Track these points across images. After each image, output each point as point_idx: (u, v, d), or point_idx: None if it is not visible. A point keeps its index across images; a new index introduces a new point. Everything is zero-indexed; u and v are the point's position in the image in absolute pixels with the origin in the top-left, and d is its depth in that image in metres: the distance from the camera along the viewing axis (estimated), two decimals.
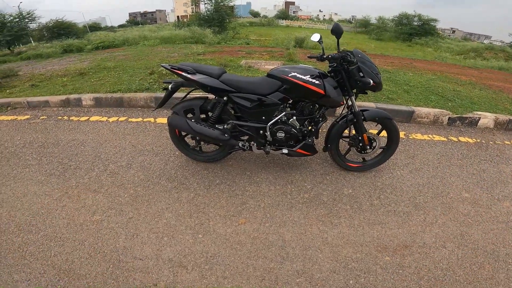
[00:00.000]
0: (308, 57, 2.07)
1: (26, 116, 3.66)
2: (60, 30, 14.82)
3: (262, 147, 2.18)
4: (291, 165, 2.47)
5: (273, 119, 2.04)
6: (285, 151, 2.15)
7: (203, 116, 2.26)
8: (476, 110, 3.70)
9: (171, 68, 2.06)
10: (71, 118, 3.55)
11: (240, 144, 2.19)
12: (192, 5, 16.96)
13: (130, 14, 79.98)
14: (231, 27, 14.98)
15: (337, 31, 1.82)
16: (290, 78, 1.92)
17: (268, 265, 1.60)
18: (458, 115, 3.40)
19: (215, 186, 2.21)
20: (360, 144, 2.22)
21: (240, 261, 1.63)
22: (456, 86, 5.16)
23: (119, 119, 3.43)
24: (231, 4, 16.02)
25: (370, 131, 2.29)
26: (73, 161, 2.56)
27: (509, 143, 3.17)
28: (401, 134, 3.12)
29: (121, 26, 50.20)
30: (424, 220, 1.94)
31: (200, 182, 2.26)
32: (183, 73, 2.03)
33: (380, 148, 2.31)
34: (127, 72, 5.14)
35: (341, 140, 2.31)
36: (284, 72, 1.95)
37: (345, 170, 2.40)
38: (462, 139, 3.13)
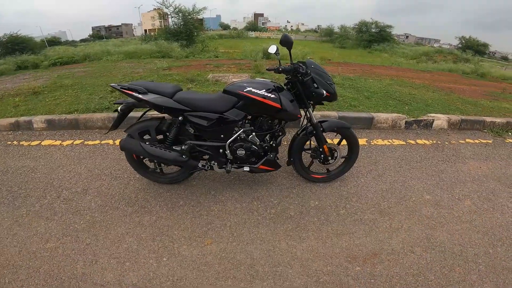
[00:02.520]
0: (267, 69, 2.09)
1: None
2: (15, 45, 13.90)
3: (223, 166, 2.11)
4: (257, 181, 2.43)
5: (232, 137, 1.98)
6: (247, 168, 2.11)
7: (160, 137, 2.15)
8: (430, 112, 3.96)
9: (120, 88, 1.93)
10: (21, 143, 3.26)
11: (200, 165, 2.11)
12: (160, 19, 16.67)
13: (93, 28, 77.14)
14: (200, 40, 14.93)
15: (286, 42, 1.82)
16: (245, 94, 1.87)
17: (238, 285, 1.53)
18: (414, 118, 3.61)
19: (178, 208, 2.11)
20: (322, 156, 2.25)
21: (208, 282, 1.54)
22: (411, 89, 5.53)
23: (74, 143, 3.19)
24: (200, 17, 16.01)
25: (332, 141, 2.33)
26: (23, 188, 2.37)
27: (463, 142, 3.41)
28: (363, 141, 3.23)
29: (83, 40, 48.22)
30: (390, 226, 1.98)
31: (163, 205, 2.14)
32: (134, 93, 1.91)
33: (342, 157, 2.35)
34: (86, 90, 4.85)
35: (304, 152, 2.32)
36: (239, 87, 1.89)
37: (311, 182, 2.40)
38: (419, 141, 3.31)
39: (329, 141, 2.35)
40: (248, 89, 1.88)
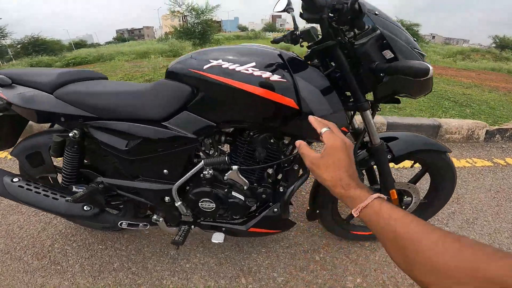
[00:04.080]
0: (272, 42, 1.06)
1: None
2: (35, 47, 14.14)
3: (176, 224, 1.11)
4: (249, 238, 1.41)
5: (185, 175, 0.95)
6: (219, 238, 1.06)
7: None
8: (499, 116, 3.07)
9: None
10: None
11: (125, 223, 1.10)
12: (173, 17, 16.19)
13: (117, 31, 79.68)
14: (215, 39, 14.27)
15: None
16: (208, 75, 0.82)
17: None
18: (498, 127, 2.46)
19: (109, 273, 1.19)
20: None
21: None
22: (463, 89, 4.74)
23: None
24: (213, 17, 15.34)
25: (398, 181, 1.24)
26: None
27: None
28: None
29: (108, 43, 49.62)
30: None
31: (86, 264, 1.24)
32: None
33: (418, 202, 1.25)
34: None
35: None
36: (196, 63, 0.85)
37: (349, 241, 1.37)
38: (510, 160, 2.18)
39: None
40: (214, 64, 0.83)
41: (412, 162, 1.25)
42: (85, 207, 1.02)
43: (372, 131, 0.96)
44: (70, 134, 0.97)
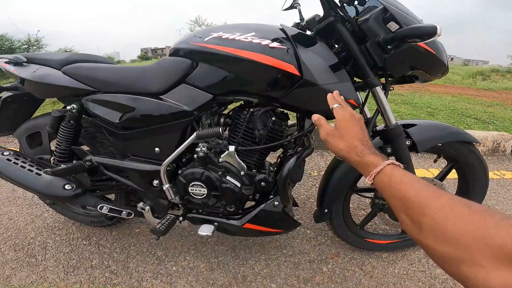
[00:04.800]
0: (283, 9, 1.02)
1: None
2: None
3: (163, 215, 1.00)
4: (245, 243, 1.26)
5: (174, 152, 0.87)
6: (207, 230, 0.93)
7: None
8: None
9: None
10: None
11: (106, 208, 1.00)
12: None
13: (141, 50, 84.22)
14: None
15: None
16: (207, 46, 0.81)
17: None
18: None
19: (84, 270, 1.10)
20: None
21: None
22: (484, 107, 4.57)
23: None
24: None
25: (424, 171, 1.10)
26: None
27: None
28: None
29: (132, 60, 52.39)
30: None
31: (63, 259, 1.15)
32: (6, 66, 1.02)
33: None
34: None
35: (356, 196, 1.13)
36: (195, 38, 0.85)
37: (364, 250, 1.19)
38: None
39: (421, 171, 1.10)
40: (215, 35, 0.81)
41: (436, 155, 1.09)
42: (66, 186, 0.94)
43: (385, 111, 0.86)
44: (68, 107, 0.96)
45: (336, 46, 0.89)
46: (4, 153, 1.00)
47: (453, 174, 1.10)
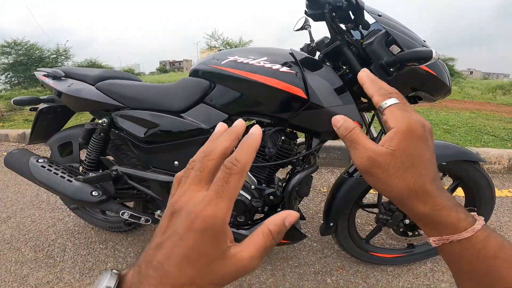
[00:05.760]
0: (295, 30, 1.14)
1: None
2: None
3: None
4: None
5: None
6: None
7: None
8: None
9: (39, 75, 1.21)
10: None
11: (127, 214, 1.09)
12: (210, 50, 17.59)
13: (160, 62, 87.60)
14: None
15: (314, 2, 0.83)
16: (224, 69, 0.90)
17: None
18: None
19: (98, 272, 1.19)
20: (405, 221, 1.05)
21: None
22: (503, 123, 4.42)
23: None
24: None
25: None
26: None
27: None
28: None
29: (151, 73, 54.41)
30: None
31: (80, 261, 1.24)
32: (45, 80, 1.15)
33: None
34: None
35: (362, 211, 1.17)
36: (215, 60, 0.95)
37: (369, 264, 1.20)
38: None
39: None
40: (231, 59, 0.90)
41: (441, 173, 1.10)
42: (93, 193, 1.04)
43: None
44: (100, 121, 1.07)
45: (344, 67, 0.94)
46: (39, 160, 1.11)
47: (459, 191, 1.11)
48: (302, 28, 1.11)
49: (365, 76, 0.32)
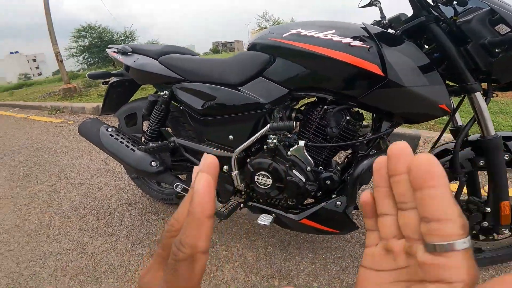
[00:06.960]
0: (360, 6, 1.02)
1: (61, 120, 3.92)
2: None
3: (226, 201, 1.06)
4: (298, 236, 1.24)
5: (246, 141, 0.93)
6: (266, 220, 0.97)
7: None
8: None
9: (110, 52, 1.32)
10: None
11: (180, 187, 1.13)
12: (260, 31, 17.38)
13: (213, 43, 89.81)
14: None
15: None
16: (285, 41, 0.84)
17: None
18: None
19: (148, 244, 1.27)
20: (489, 220, 0.87)
21: None
22: None
23: None
24: None
25: None
26: (41, 168, 2.24)
27: None
28: None
29: (205, 53, 56.52)
30: None
31: (134, 231, 1.35)
32: (115, 55, 1.25)
33: None
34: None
35: None
36: (272, 34, 0.90)
37: None
38: None
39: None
40: (293, 32, 0.84)
41: None
42: (152, 163, 1.12)
43: (484, 119, 0.76)
44: (161, 93, 1.13)
45: (426, 47, 0.83)
46: (108, 129, 1.23)
47: None
48: (370, 4, 1.00)
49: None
